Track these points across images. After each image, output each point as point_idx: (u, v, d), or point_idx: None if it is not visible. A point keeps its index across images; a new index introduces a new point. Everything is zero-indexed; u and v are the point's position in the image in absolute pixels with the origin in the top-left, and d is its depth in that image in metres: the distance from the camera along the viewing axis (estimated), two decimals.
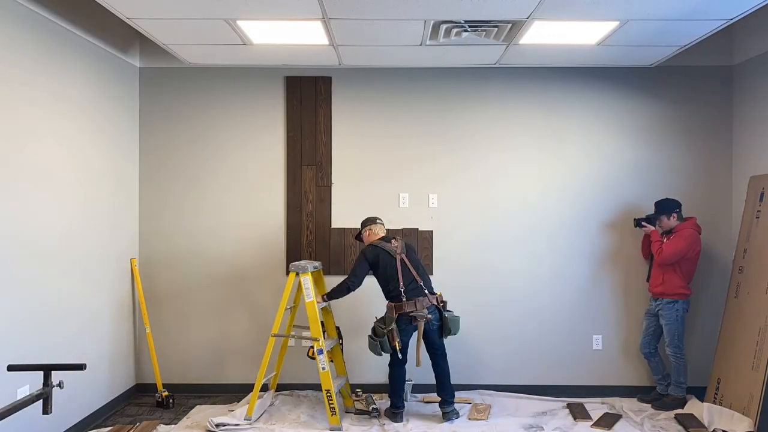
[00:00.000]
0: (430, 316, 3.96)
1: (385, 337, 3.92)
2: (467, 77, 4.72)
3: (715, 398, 4.17)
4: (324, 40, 3.96)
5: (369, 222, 4.25)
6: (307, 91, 4.75)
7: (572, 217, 4.72)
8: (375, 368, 4.69)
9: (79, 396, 3.89)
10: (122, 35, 4.43)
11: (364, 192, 4.75)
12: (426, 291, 4.00)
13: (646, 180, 4.71)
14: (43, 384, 2.39)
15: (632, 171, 4.72)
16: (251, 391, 4.63)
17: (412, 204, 4.75)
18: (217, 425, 3.91)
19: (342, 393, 4.31)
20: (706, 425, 3.91)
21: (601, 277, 4.72)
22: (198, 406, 4.41)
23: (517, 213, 4.73)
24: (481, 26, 3.67)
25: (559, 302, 4.72)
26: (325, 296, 4.15)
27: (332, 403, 3.90)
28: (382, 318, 4.02)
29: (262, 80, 4.76)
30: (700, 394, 4.42)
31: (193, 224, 4.76)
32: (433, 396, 4.41)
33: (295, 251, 4.74)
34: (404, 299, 3.93)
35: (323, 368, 3.91)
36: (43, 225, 3.48)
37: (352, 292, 4.07)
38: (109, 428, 3.94)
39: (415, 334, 4.01)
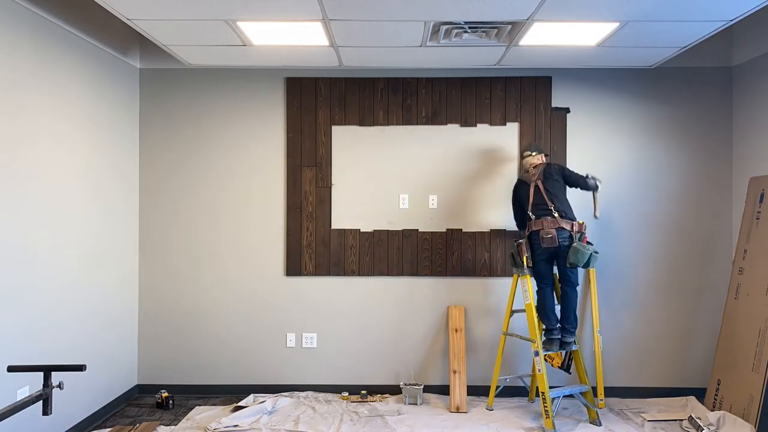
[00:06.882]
0: (553, 233, 3.95)
1: (515, 249, 4.19)
2: (467, 77, 4.73)
3: (715, 399, 4.17)
4: (324, 41, 3.96)
5: (526, 151, 4.37)
6: (307, 92, 4.76)
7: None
8: (375, 369, 4.71)
9: (79, 397, 3.89)
10: (122, 36, 4.44)
11: (364, 193, 4.75)
12: (555, 214, 4.03)
13: (646, 181, 4.71)
14: (43, 385, 2.39)
15: (632, 172, 4.71)
16: (250, 392, 4.65)
17: (412, 205, 4.75)
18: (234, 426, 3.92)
19: (586, 405, 4.15)
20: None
21: (600, 277, 4.71)
22: (198, 407, 4.40)
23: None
24: (481, 27, 3.68)
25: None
26: (526, 269, 4.12)
27: (546, 406, 3.85)
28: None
29: (262, 81, 4.77)
30: (701, 395, 4.43)
31: (192, 224, 4.76)
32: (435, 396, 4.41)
33: (295, 252, 4.74)
34: (533, 219, 4.10)
35: (539, 370, 3.92)
36: (44, 225, 3.48)
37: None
38: (109, 429, 3.94)
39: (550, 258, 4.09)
